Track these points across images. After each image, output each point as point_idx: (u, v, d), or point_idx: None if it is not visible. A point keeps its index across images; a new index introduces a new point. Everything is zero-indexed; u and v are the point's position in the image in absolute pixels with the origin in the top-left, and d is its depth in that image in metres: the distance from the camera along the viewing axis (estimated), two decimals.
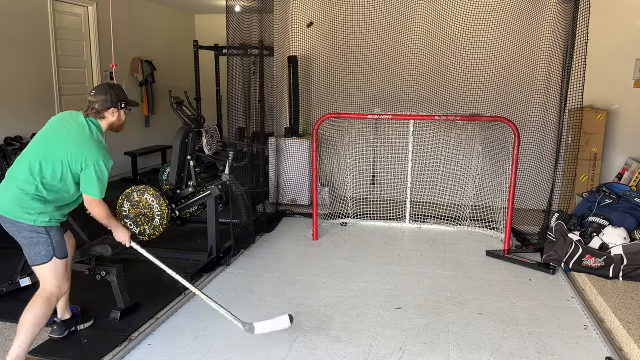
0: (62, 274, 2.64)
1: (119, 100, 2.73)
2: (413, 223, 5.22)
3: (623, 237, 3.84)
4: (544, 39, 5.04)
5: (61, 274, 2.64)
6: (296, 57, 5.87)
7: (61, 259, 2.62)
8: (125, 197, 4.42)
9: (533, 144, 5.21)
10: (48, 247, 2.57)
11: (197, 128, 4.85)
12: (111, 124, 2.77)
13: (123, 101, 2.75)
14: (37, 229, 2.54)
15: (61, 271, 2.63)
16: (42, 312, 2.56)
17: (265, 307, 3.38)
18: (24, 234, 2.54)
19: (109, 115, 2.73)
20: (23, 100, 5.68)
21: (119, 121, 2.79)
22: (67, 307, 3.00)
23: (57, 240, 2.61)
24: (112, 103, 2.70)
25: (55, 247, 2.59)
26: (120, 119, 2.80)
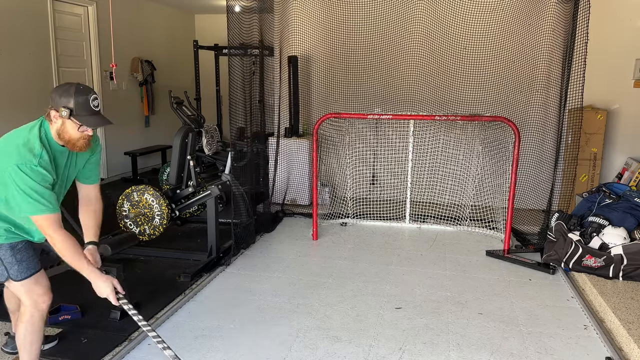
0: (34, 291, 2.32)
1: (65, 105, 2.10)
2: (413, 223, 5.22)
3: (623, 237, 3.84)
4: (544, 39, 5.04)
5: (32, 291, 2.31)
6: (296, 57, 5.87)
7: (18, 281, 2.28)
8: (125, 197, 4.43)
9: (533, 144, 5.21)
10: (1, 267, 2.26)
11: (197, 128, 4.85)
12: (58, 132, 2.17)
13: (69, 109, 2.10)
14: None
15: (31, 289, 2.31)
16: (28, 336, 2.35)
17: (265, 307, 3.38)
18: None
19: (53, 119, 2.16)
20: (23, 100, 5.67)
21: (64, 133, 2.15)
22: None
23: (8, 262, 2.26)
24: (54, 104, 2.13)
25: (8, 269, 2.26)
26: (66, 131, 2.15)
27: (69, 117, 2.12)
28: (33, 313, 2.35)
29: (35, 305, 2.34)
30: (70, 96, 2.12)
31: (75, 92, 2.13)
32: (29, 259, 2.34)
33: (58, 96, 2.13)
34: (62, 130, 2.16)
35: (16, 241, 2.31)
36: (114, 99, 7.13)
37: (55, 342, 2.90)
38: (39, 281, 2.36)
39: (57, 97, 2.13)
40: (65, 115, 2.12)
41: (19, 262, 2.29)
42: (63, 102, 2.12)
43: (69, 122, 2.14)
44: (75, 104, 2.11)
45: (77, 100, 2.12)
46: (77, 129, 2.16)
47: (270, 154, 5.71)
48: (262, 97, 5.07)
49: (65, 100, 2.12)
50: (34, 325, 2.37)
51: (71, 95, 2.12)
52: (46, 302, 2.38)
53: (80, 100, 2.12)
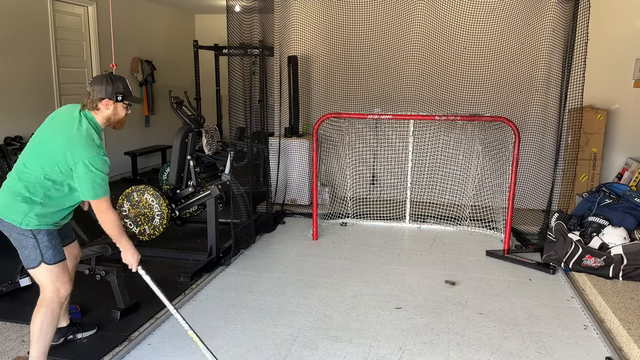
0: (59, 278, 2.48)
1: (116, 92, 2.47)
2: (413, 223, 5.22)
3: (623, 237, 3.84)
4: (544, 39, 5.04)
5: (58, 277, 2.47)
6: (296, 57, 5.87)
7: (51, 264, 2.45)
8: (125, 197, 4.42)
9: (533, 144, 5.22)
10: (36, 251, 2.42)
11: (197, 128, 4.85)
12: (107, 118, 2.51)
13: (121, 94, 2.49)
14: (24, 232, 2.40)
15: (57, 275, 2.47)
16: (46, 321, 2.46)
17: (265, 307, 3.38)
18: (14, 235, 2.43)
19: (103, 108, 2.47)
20: (23, 100, 5.67)
21: (115, 116, 2.52)
22: (66, 314, 2.90)
23: (45, 245, 2.43)
24: (107, 94, 2.45)
25: (43, 253, 2.43)
26: (118, 114, 2.53)
27: (122, 101, 2.50)
28: (53, 299, 2.48)
29: (57, 292, 2.49)
30: (119, 84, 2.50)
31: (119, 80, 2.52)
32: (60, 245, 2.54)
33: (108, 87, 2.46)
34: (114, 113, 2.52)
35: (51, 229, 2.50)
36: None
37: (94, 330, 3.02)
38: (65, 269, 2.54)
39: (106, 88, 2.46)
40: (120, 99, 2.49)
41: (54, 247, 2.48)
42: (116, 89, 2.48)
43: (120, 105, 2.51)
44: (124, 89, 2.51)
45: (124, 86, 2.53)
46: (126, 109, 2.56)
47: (270, 154, 5.71)
48: (262, 97, 5.07)
49: (116, 87, 2.49)
50: (53, 313, 2.49)
51: (119, 83, 2.50)
52: (68, 290, 2.55)
53: (125, 85, 2.54)
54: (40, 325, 2.46)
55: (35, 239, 2.42)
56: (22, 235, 2.42)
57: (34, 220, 2.41)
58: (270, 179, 5.59)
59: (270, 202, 5.40)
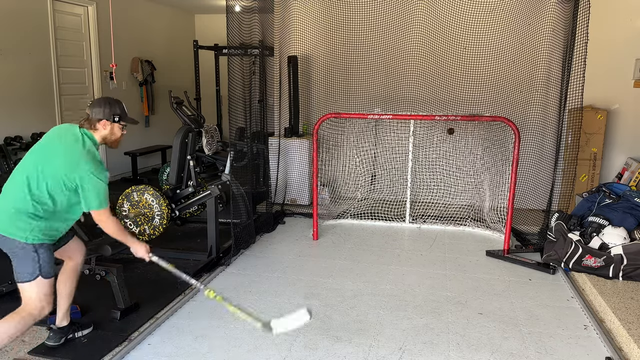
0: (47, 295, 2.54)
1: (113, 114, 2.68)
2: (413, 223, 5.22)
3: (623, 237, 3.84)
4: (544, 39, 5.04)
5: (46, 294, 2.53)
6: (296, 57, 5.87)
7: (47, 278, 2.52)
8: (125, 197, 4.43)
9: (533, 144, 5.21)
10: (35, 265, 2.48)
11: (197, 128, 4.86)
12: (104, 137, 2.70)
13: (117, 115, 2.69)
14: (26, 247, 2.46)
15: (46, 291, 2.53)
16: (13, 330, 2.47)
17: (265, 307, 3.37)
18: (14, 250, 2.48)
19: (100, 128, 2.66)
20: (23, 100, 5.68)
21: (112, 135, 2.72)
22: (67, 314, 2.93)
23: (44, 259, 2.51)
24: (104, 115, 2.65)
25: (41, 266, 2.50)
26: (114, 134, 2.73)
27: (119, 122, 2.70)
28: (32, 315, 2.51)
29: (40, 310, 2.53)
30: (116, 107, 2.70)
31: (116, 103, 2.72)
32: (53, 261, 2.61)
33: (105, 109, 2.66)
34: (111, 133, 2.71)
35: (50, 243, 2.59)
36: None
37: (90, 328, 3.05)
38: (52, 287, 2.60)
39: (104, 109, 2.65)
40: (117, 120, 2.69)
41: (50, 261, 2.56)
42: (113, 111, 2.68)
43: (116, 125, 2.71)
44: (120, 111, 2.71)
45: (121, 108, 2.73)
46: (121, 130, 2.75)
47: (270, 154, 5.71)
48: (262, 97, 5.07)
49: (113, 110, 2.68)
50: (24, 326, 2.51)
51: (115, 106, 2.70)
52: (47, 310, 2.57)
53: (122, 107, 2.74)
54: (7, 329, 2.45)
55: (36, 252, 2.49)
56: (24, 250, 2.47)
57: (38, 235, 2.49)
58: (270, 179, 5.59)
59: (270, 202, 5.40)
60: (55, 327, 2.90)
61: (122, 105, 2.75)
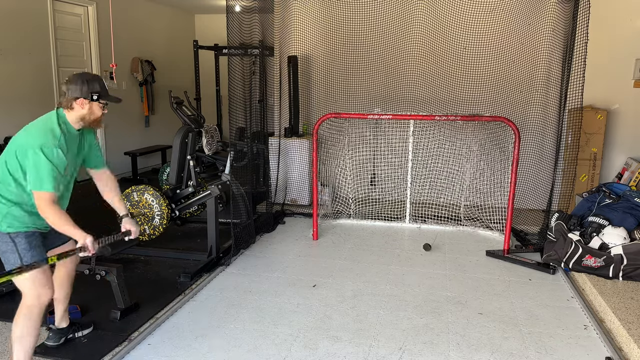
0: (40, 282, 2.41)
1: (92, 91, 2.44)
2: (413, 223, 5.22)
3: (623, 237, 3.84)
4: (544, 39, 5.04)
5: (38, 282, 2.40)
6: (296, 57, 5.87)
7: None
8: (125, 197, 4.43)
9: (533, 144, 5.21)
10: (14, 255, 2.37)
11: (197, 128, 4.86)
12: (82, 117, 2.47)
13: (97, 93, 2.46)
14: (2, 237, 2.36)
15: (37, 279, 2.39)
16: (26, 328, 2.41)
17: (265, 307, 3.38)
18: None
19: (77, 107, 2.44)
20: (23, 100, 5.68)
21: (91, 115, 2.48)
22: (66, 315, 2.90)
23: (23, 248, 2.38)
24: (81, 93, 2.42)
25: (22, 256, 2.37)
26: (93, 113, 2.49)
27: (98, 100, 2.48)
28: (34, 305, 2.42)
29: (38, 298, 2.42)
30: (95, 84, 2.47)
31: (94, 79, 2.49)
32: (40, 247, 2.48)
33: (83, 86, 2.43)
34: (90, 112, 2.48)
35: (30, 231, 2.44)
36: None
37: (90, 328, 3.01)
38: (46, 273, 2.46)
39: (82, 87, 2.43)
40: (95, 99, 2.46)
41: (33, 247, 2.43)
42: (91, 89, 2.45)
43: (96, 104, 2.48)
44: (100, 89, 2.49)
45: (101, 85, 2.50)
46: (102, 109, 2.52)
47: (270, 154, 5.71)
48: (262, 97, 5.07)
49: (92, 87, 2.46)
50: (32, 319, 2.43)
51: (95, 83, 2.48)
52: (48, 295, 2.46)
53: (102, 84, 2.52)
54: (21, 332, 2.42)
55: (13, 242, 2.38)
56: (1, 240, 2.38)
57: (13, 223, 2.38)
58: (270, 179, 5.59)
59: (270, 202, 5.40)
60: (55, 327, 2.90)
61: (102, 82, 2.53)
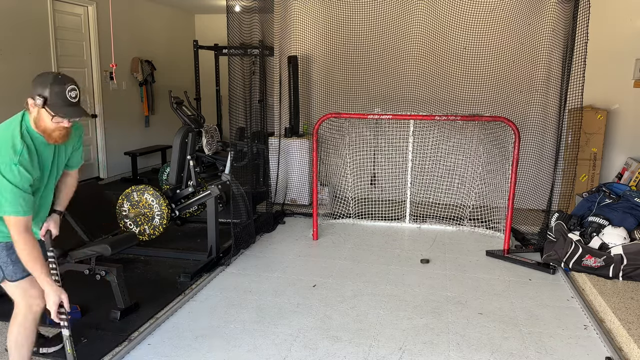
0: (29, 293, 2.29)
1: (38, 93, 2.03)
2: (413, 223, 5.22)
3: (623, 237, 3.84)
4: (544, 39, 5.04)
5: (27, 293, 2.29)
6: (296, 57, 5.87)
7: (14, 281, 2.26)
8: (125, 197, 4.43)
9: (533, 144, 5.21)
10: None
11: (197, 128, 4.86)
12: (35, 122, 2.09)
13: (43, 98, 2.02)
14: None
15: (26, 291, 2.28)
16: (20, 336, 2.34)
17: (265, 307, 3.38)
18: None
19: (30, 108, 2.08)
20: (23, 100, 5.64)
21: (40, 121, 2.07)
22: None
23: (3, 262, 2.22)
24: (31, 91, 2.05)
25: (2, 269, 2.23)
26: (41, 119, 2.06)
27: (43, 107, 2.04)
28: (27, 315, 2.34)
29: (29, 307, 2.33)
30: (46, 85, 2.04)
31: (52, 81, 2.05)
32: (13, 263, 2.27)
33: (35, 84, 2.06)
34: (38, 119, 2.09)
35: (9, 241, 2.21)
36: (114, 99, 7.13)
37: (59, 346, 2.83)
38: (34, 284, 2.27)
39: (34, 85, 2.06)
40: (39, 104, 2.03)
41: (14, 262, 2.23)
42: (38, 90, 2.04)
43: (43, 111, 2.05)
44: (50, 93, 2.03)
45: (52, 90, 2.04)
46: (51, 120, 2.07)
47: (271, 154, 5.72)
48: (262, 97, 5.08)
49: (41, 88, 2.04)
50: (26, 329, 2.36)
51: (47, 84, 2.04)
52: (40, 305, 2.34)
53: (55, 89, 2.04)
54: (16, 339, 2.36)
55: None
56: None
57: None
58: (270, 179, 5.59)
59: (270, 202, 5.40)
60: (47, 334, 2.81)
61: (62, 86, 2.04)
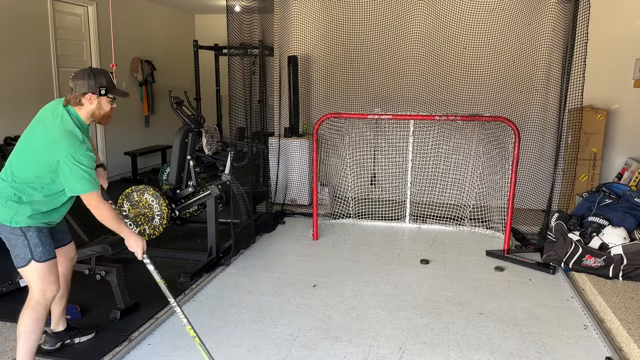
0: (47, 278, 2.45)
1: (100, 86, 2.42)
2: (413, 223, 5.22)
3: (623, 237, 3.84)
4: (544, 39, 5.04)
5: (45, 277, 2.44)
6: (296, 57, 5.87)
7: (41, 262, 2.42)
8: (125, 197, 4.42)
9: (533, 144, 5.21)
10: (25, 249, 2.40)
11: (197, 128, 4.85)
12: (91, 113, 2.45)
13: (104, 87, 2.44)
14: (14, 230, 2.39)
15: (45, 275, 2.44)
16: (29, 323, 2.45)
17: (265, 307, 3.38)
18: (3, 234, 2.42)
19: (86, 103, 2.42)
20: (23, 100, 5.67)
21: (99, 110, 2.47)
22: (62, 319, 2.87)
23: (35, 243, 2.41)
24: (89, 88, 2.40)
25: (32, 250, 2.40)
26: (102, 108, 2.47)
27: (106, 95, 2.45)
28: (39, 301, 2.46)
29: (43, 293, 2.46)
30: (101, 78, 2.45)
31: (101, 73, 2.48)
32: (50, 243, 2.50)
33: (90, 81, 2.41)
34: (99, 108, 2.46)
35: (40, 225, 2.46)
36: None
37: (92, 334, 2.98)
38: (53, 269, 2.49)
39: (88, 82, 2.41)
40: (103, 93, 2.44)
41: (44, 244, 2.45)
42: (98, 83, 2.43)
43: (104, 99, 2.46)
44: (107, 83, 2.47)
45: (107, 79, 2.48)
46: (110, 103, 2.50)
47: (271, 154, 5.72)
48: (262, 97, 5.08)
49: (99, 82, 2.44)
50: (38, 314, 2.46)
51: (100, 76, 2.46)
52: (54, 291, 2.50)
53: (108, 79, 2.50)
54: (24, 327, 2.46)
55: (24, 236, 2.40)
56: (12, 234, 2.40)
57: (23, 219, 2.39)
58: (270, 179, 5.60)
59: (270, 202, 5.40)
60: (51, 331, 2.85)
61: (108, 76, 2.51)
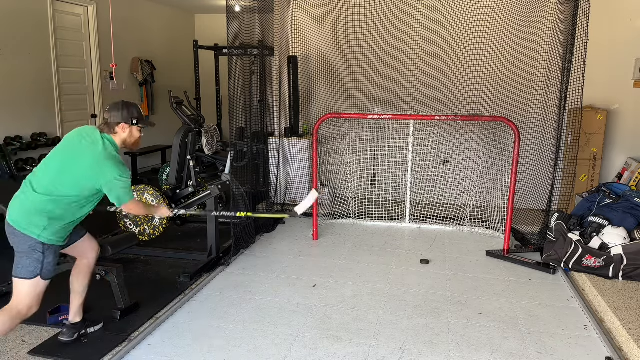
0: (39, 297, 2.58)
1: (132, 117, 2.78)
2: (413, 223, 5.22)
3: (623, 237, 3.84)
4: (544, 39, 5.04)
5: (38, 296, 2.57)
6: (296, 57, 5.87)
7: (45, 280, 2.57)
8: None
9: (533, 144, 5.21)
10: (37, 264, 2.52)
11: (197, 128, 4.86)
12: (123, 140, 2.81)
13: (135, 118, 2.80)
14: (36, 245, 2.52)
15: (40, 293, 2.57)
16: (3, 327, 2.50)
17: (265, 307, 3.38)
18: (22, 245, 2.53)
19: (120, 131, 2.76)
20: (23, 100, 5.67)
21: (130, 138, 2.83)
22: (80, 310, 2.97)
23: (48, 262, 2.56)
24: (123, 119, 2.75)
25: (43, 267, 2.54)
26: (133, 136, 2.83)
27: (137, 124, 2.81)
28: (20, 314, 2.53)
29: (29, 309, 2.55)
30: (133, 110, 2.81)
31: (133, 106, 2.83)
32: (56, 263, 2.67)
33: (123, 112, 2.76)
34: (130, 136, 2.82)
35: (59, 245, 2.65)
36: (114, 99, 7.12)
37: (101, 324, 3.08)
38: (44, 289, 2.61)
39: (122, 113, 2.76)
40: (135, 123, 2.80)
41: (54, 264, 2.62)
42: (131, 114, 2.79)
43: (135, 128, 2.82)
44: (137, 114, 2.82)
45: (138, 111, 2.84)
46: (139, 132, 2.87)
47: (271, 154, 5.72)
48: (262, 97, 5.07)
49: (131, 113, 2.79)
50: (12, 324, 2.53)
51: (132, 109, 2.81)
52: (34, 311, 2.59)
53: (138, 110, 2.85)
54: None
55: (43, 253, 2.54)
56: (31, 247, 2.52)
57: (50, 235, 2.55)
58: (270, 179, 5.59)
59: (270, 202, 5.40)
60: (69, 323, 2.95)
61: (138, 108, 2.85)
